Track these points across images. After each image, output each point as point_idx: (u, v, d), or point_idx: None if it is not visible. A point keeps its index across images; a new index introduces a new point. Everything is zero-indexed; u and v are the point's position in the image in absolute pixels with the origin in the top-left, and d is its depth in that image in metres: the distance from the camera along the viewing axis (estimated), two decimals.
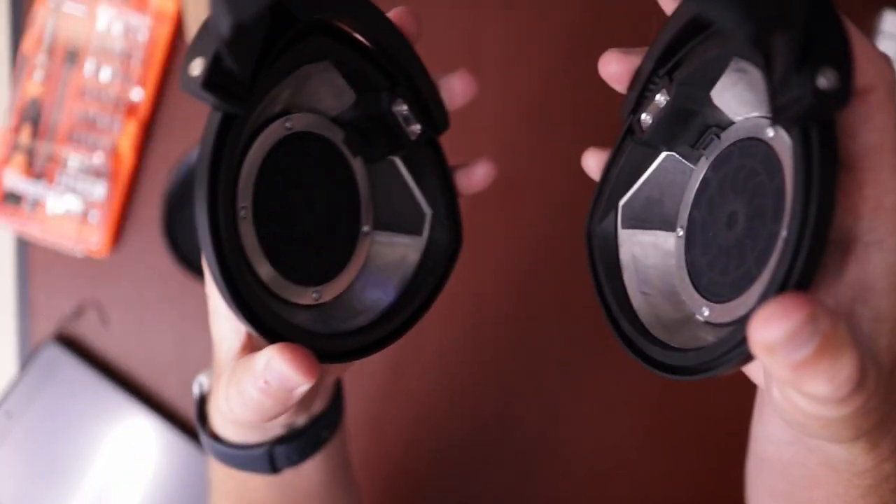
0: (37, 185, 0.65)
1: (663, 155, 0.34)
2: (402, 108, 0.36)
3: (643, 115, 0.34)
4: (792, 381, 0.23)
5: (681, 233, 0.33)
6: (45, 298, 0.67)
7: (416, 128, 0.37)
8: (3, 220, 0.65)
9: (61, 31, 0.65)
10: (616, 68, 0.35)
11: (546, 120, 0.68)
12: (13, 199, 0.65)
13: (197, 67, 0.27)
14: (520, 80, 0.68)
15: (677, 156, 0.34)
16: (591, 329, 0.68)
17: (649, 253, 0.35)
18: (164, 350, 0.67)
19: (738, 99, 0.30)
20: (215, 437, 0.39)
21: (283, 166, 0.33)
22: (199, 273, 0.66)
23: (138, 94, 0.65)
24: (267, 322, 0.30)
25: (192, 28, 0.62)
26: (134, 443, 0.66)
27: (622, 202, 0.36)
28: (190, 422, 0.67)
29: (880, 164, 0.24)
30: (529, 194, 0.68)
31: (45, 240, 0.66)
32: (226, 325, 0.35)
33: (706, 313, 0.31)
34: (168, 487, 0.66)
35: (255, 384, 0.31)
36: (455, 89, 0.39)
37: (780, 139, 0.28)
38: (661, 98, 0.33)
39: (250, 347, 0.34)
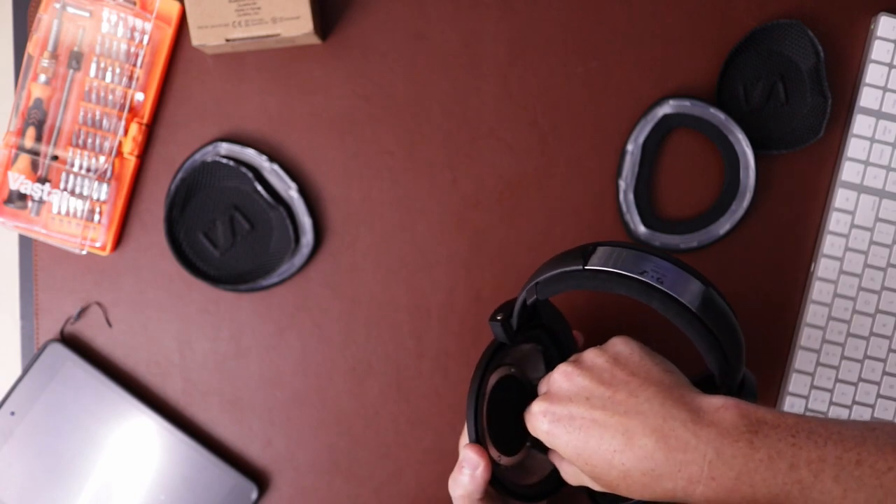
0: (41, 187, 0.65)
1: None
2: None
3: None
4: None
5: None
6: (49, 299, 0.67)
7: None
8: (8, 221, 0.65)
9: (66, 34, 0.65)
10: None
11: (546, 120, 0.69)
12: (18, 200, 0.65)
13: (499, 315, 0.54)
14: (520, 81, 0.68)
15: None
16: (590, 329, 0.68)
17: None
18: (167, 350, 0.68)
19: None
20: None
21: (506, 386, 0.56)
22: (200, 274, 0.66)
23: (141, 96, 0.66)
24: (481, 444, 0.54)
25: (193, 29, 0.63)
26: (136, 442, 0.66)
27: None
28: (192, 421, 0.68)
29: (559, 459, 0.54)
30: (529, 194, 0.69)
31: (49, 240, 0.66)
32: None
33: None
34: (170, 487, 0.66)
35: (459, 471, 0.53)
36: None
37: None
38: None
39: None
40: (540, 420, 0.49)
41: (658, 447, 0.44)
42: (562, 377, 0.49)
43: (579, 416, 0.47)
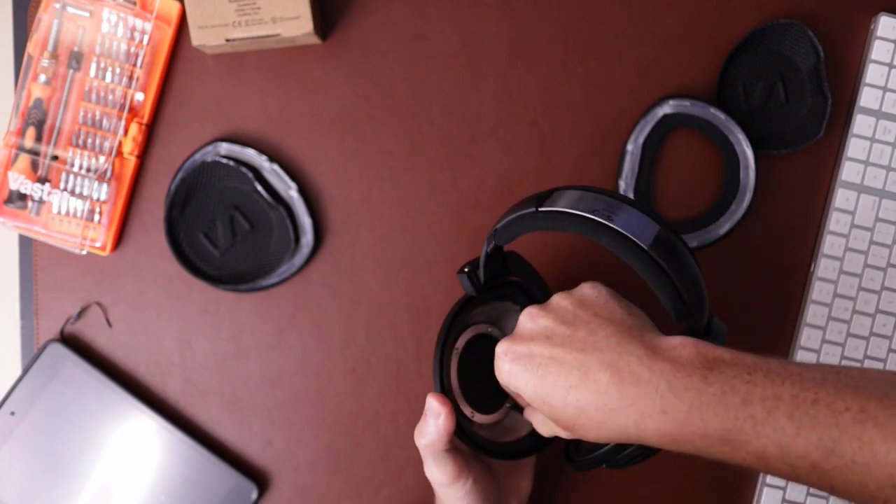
0: (41, 187, 0.65)
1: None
2: None
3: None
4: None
5: None
6: (49, 298, 0.67)
7: None
8: (8, 221, 0.65)
9: (66, 34, 0.65)
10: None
11: (546, 120, 0.69)
12: (18, 200, 0.65)
13: (466, 268, 0.55)
14: (520, 81, 0.68)
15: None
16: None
17: None
18: (167, 350, 0.68)
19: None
20: None
21: (481, 345, 0.58)
22: (200, 274, 0.66)
23: (141, 96, 0.66)
24: (448, 395, 0.56)
25: (193, 29, 0.63)
26: (136, 442, 0.66)
27: None
28: (192, 421, 0.68)
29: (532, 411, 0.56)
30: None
31: (49, 240, 0.66)
32: (436, 470, 0.54)
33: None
34: (170, 487, 0.66)
35: (424, 420, 0.54)
36: None
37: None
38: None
39: (454, 480, 0.54)
40: (502, 360, 0.49)
41: (612, 381, 0.44)
42: (526, 318, 0.50)
43: (538, 353, 0.47)
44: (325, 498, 0.68)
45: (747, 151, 0.67)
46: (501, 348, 0.50)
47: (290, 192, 0.67)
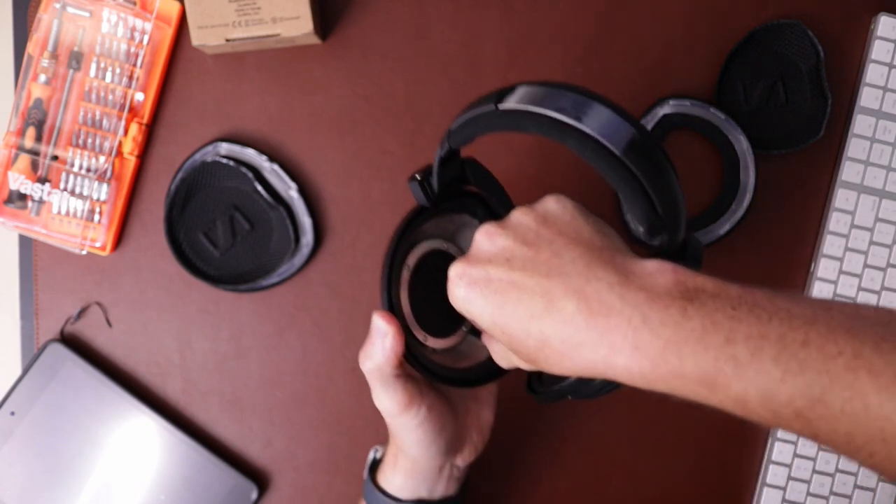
0: (41, 187, 0.65)
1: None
2: None
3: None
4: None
5: None
6: (49, 298, 0.67)
7: None
8: (8, 221, 0.65)
9: (66, 34, 0.65)
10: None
11: None
12: (18, 200, 0.65)
13: (419, 175, 0.49)
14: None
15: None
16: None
17: None
18: (167, 350, 0.68)
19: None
20: (378, 488, 0.55)
21: (436, 262, 0.53)
22: (200, 274, 0.66)
23: (141, 96, 0.66)
24: (398, 317, 0.50)
25: (193, 29, 0.63)
26: (136, 442, 0.66)
27: None
28: (192, 421, 0.68)
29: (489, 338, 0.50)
30: (529, 194, 0.68)
31: (49, 240, 0.66)
32: (385, 398, 0.49)
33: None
34: (170, 487, 0.66)
35: (369, 341, 0.48)
36: None
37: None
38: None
39: (405, 409, 0.49)
40: (456, 285, 0.44)
41: (579, 310, 0.39)
42: (483, 237, 0.44)
43: (497, 278, 0.42)
44: (325, 498, 0.68)
45: (747, 151, 0.67)
46: (455, 271, 0.44)
47: (290, 192, 0.67)
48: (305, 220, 0.67)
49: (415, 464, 0.53)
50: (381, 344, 0.48)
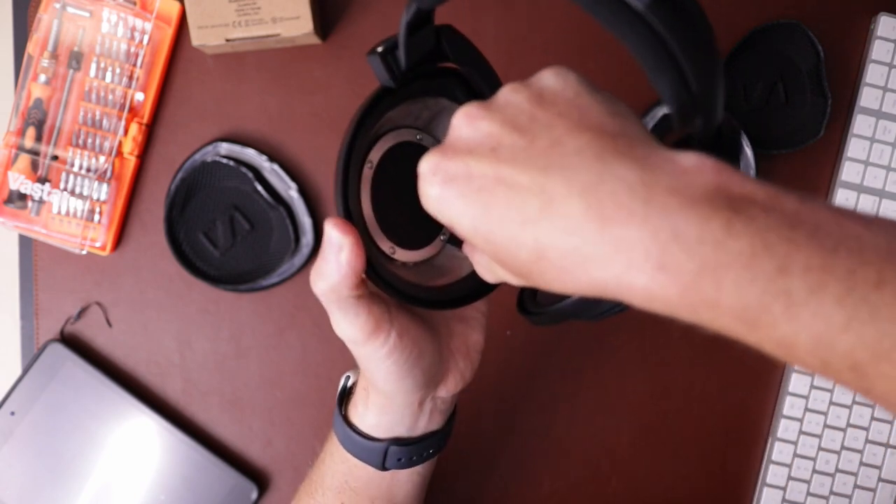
0: (41, 187, 0.65)
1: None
2: None
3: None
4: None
5: None
6: (49, 298, 0.67)
7: None
8: (8, 221, 0.65)
9: (66, 34, 0.65)
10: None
11: None
12: (18, 200, 0.65)
13: (381, 47, 0.39)
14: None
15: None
16: (588, 329, 0.68)
17: None
18: (167, 350, 0.68)
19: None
20: (349, 424, 0.46)
21: (406, 157, 0.43)
22: (200, 274, 0.66)
23: (141, 96, 0.66)
24: (357, 226, 0.40)
25: (193, 29, 0.63)
26: (136, 442, 0.66)
27: None
28: (192, 421, 0.68)
29: (471, 248, 0.41)
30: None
31: (49, 240, 0.66)
32: (345, 324, 0.40)
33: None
34: (170, 487, 0.66)
35: (321, 257, 0.39)
36: None
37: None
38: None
39: (370, 337, 0.41)
40: (428, 182, 0.34)
41: (588, 216, 0.30)
42: (463, 121, 0.35)
43: (480, 173, 0.33)
44: None
45: (747, 151, 0.67)
46: (427, 165, 0.35)
47: (290, 192, 0.67)
48: (305, 220, 0.67)
49: (389, 400, 0.44)
50: (335, 259, 0.38)
